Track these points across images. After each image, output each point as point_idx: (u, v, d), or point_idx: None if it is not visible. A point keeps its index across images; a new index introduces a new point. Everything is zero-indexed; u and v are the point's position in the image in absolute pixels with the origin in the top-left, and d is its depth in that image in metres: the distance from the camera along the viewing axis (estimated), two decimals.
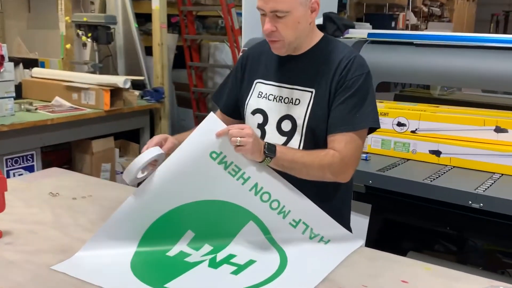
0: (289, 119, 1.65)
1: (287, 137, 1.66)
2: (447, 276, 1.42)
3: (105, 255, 1.45)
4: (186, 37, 5.41)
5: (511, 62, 2.66)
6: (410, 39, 2.94)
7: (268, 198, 1.52)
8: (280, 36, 1.56)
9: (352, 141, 1.57)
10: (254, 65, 1.77)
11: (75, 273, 1.36)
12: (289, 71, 1.68)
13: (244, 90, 1.77)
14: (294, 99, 1.65)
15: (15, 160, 3.34)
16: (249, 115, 1.74)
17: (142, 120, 4.27)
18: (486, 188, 2.13)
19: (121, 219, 1.49)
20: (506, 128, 2.36)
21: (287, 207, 1.53)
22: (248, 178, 1.50)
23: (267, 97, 1.70)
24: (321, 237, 1.56)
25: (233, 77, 1.84)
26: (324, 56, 1.64)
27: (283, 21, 1.53)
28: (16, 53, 5.09)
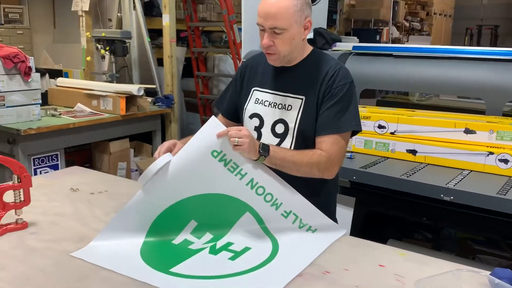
0: (282, 122, 1.67)
1: (280, 139, 1.67)
2: (419, 261, 1.43)
3: (117, 243, 1.46)
4: (193, 50, 5.42)
5: (482, 71, 2.68)
6: (390, 51, 2.95)
7: (262, 191, 1.53)
8: (277, 50, 1.58)
9: (337, 142, 1.59)
10: (252, 75, 1.78)
11: (91, 259, 1.37)
12: (282, 80, 1.69)
13: (243, 96, 1.78)
14: (287, 105, 1.66)
15: (42, 160, 3.35)
16: (247, 119, 1.75)
17: (154, 124, 4.28)
18: (456, 183, 2.13)
19: (131, 211, 1.50)
20: (474, 130, 2.36)
21: (279, 200, 1.54)
22: (245, 174, 1.52)
23: (263, 103, 1.71)
24: (309, 226, 1.57)
25: (233, 85, 1.85)
26: (313, 68, 1.66)
27: (280, 36, 1.55)
28: (43, 64, 5.12)
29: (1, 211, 1.54)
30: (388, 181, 2.26)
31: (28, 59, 3.25)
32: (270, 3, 1.53)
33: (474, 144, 2.35)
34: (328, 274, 1.33)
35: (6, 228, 1.54)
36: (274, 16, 1.52)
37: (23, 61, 3.21)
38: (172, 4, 4.43)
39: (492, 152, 2.27)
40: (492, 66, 2.67)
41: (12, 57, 3.16)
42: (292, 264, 1.38)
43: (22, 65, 3.21)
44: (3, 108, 3.19)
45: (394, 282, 1.29)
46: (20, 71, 3.22)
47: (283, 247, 1.48)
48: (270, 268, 1.37)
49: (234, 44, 4.82)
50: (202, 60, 5.52)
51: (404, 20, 9.85)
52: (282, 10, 1.52)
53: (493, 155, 2.27)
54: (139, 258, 1.39)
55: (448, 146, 2.39)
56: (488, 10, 12.16)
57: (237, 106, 1.82)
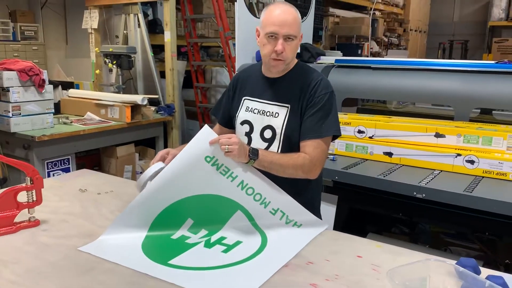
0: (270, 128, 1.68)
1: (268, 143, 1.68)
2: (393, 252, 1.44)
3: (121, 238, 1.47)
4: (193, 63, 5.42)
5: (452, 81, 2.70)
6: (368, 64, 2.97)
7: (252, 192, 1.54)
8: (286, 56, 1.60)
9: (319, 146, 1.60)
10: (243, 86, 1.80)
11: (97, 252, 1.37)
12: (270, 90, 1.70)
13: (235, 105, 1.79)
14: (274, 112, 1.67)
15: (54, 163, 3.34)
16: (239, 125, 1.76)
17: (157, 130, 4.27)
18: (428, 182, 2.15)
19: (134, 211, 1.50)
20: (444, 134, 2.37)
21: (267, 199, 1.55)
22: (236, 177, 1.52)
23: (252, 111, 1.72)
24: (295, 222, 1.58)
25: (226, 96, 1.87)
26: (297, 79, 1.67)
27: (290, 44, 1.59)
28: (56, 77, 5.10)
29: (15, 210, 1.54)
30: (367, 181, 2.27)
31: (42, 72, 3.24)
32: (286, 12, 1.57)
33: (444, 147, 2.36)
34: (311, 264, 1.33)
35: (19, 226, 1.53)
36: (290, 24, 1.56)
37: (37, 74, 3.20)
38: (173, 22, 4.44)
39: (460, 154, 2.29)
40: (461, 77, 2.69)
41: (27, 71, 3.16)
42: (279, 256, 1.38)
43: (36, 77, 3.20)
44: (19, 117, 3.18)
45: (370, 272, 1.30)
46: (35, 83, 3.21)
47: (271, 241, 1.49)
48: (259, 259, 1.37)
49: (229, 57, 4.83)
50: (201, 72, 5.52)
51: (383, 36, 9.89)
52: (296, 19, 1.58)
53: (460, 156, 2.29)
54: (140, 252, 1.39)
55: (420, 149, 2.41)
56: (459, 27, 12.24)
57: (230, 115, 1.83)
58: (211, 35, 5.70)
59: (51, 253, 1.37)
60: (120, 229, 1.49)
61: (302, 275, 1.27)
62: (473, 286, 1.08)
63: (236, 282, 1.23)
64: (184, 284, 1.20)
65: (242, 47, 3.57)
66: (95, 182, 2.08)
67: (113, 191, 1.96)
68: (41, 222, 1.58)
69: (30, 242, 1.45)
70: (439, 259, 1.19)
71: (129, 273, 1.26)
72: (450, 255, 2.42)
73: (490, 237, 2.36)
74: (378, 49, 9.27)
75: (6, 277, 1.23)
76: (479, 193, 1.99)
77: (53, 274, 1.25)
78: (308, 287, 1.21)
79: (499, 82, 2.55)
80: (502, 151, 2.23)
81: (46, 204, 1.63)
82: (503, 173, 2.18)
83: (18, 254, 1.36)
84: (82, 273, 1.25)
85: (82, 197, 1.88)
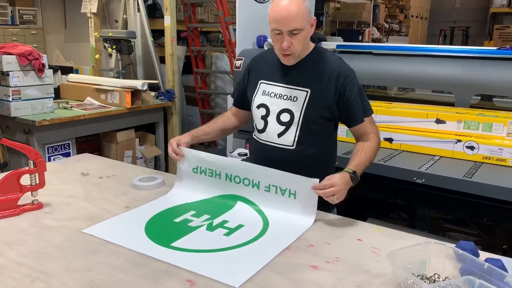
0: (288, 112, 1.69)
1: (285, 127, 1.70)
2: (393, 235, 1.46)
3: (124, 222, 1.50)
4: (192, 49, 5.40)
5: (452, 67, 2.70)
6: (369, 50, 2.96)
7: (248, 182, 1.63)
8: (294, 49, 1.60)
9: (371, 121, 1.73)
10: (259, 70, 1.81)
11: (100, 235, 1.39)
12: (288, 74, 1.71)
13: (251, 89, 1.81)
14: (293, 96, 1.68)
15: (55, 148, 3.35)
16: (255, 108, 1.77)
17: (157, 116, 4.27)
18: (428, 167, 2.16)
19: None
20: (444, 120, 2.38)
21: (256, 180, 1.63)
22: (220, 173, 1.70)
23: (269, 94, 1.73)
24: (288, 190, 1.57)
25: (242, 79, 1.89)
26: (317, 63, 1.69)
27: (296, 37, 1.58)
28: (55, 62, 5.08)
29: (19, 193, 1.55)
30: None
31: (41, 57, 3.23)
32: (287, 8, 1.53)
33: (444, 133, 2.37)
34: (312, 247, 1.35)
35: (23, 208, 1.55)
36: (293, 19, 1.54)
37: (37, 59, 3.19)
38: (173, 7, 4.40)
39: (460, 140, 2.30)
40: (462, 63, 2.68)
41: (27, 55, 3.14)
42: (280, 239, 1.40)
43: (36, 62, 3.19)
44: (19, 101, 3.18)
45: (370, 254, 1.32)
46: (34, 68, 3.20)
47: (272, 225, 1.50)
48: (260, 242, 1.39)
49: (229, 43, 4.80)
50: (201, 58, 5.50)
51: (384, 22, 9.84)
52: (299, 12, 1.54)
53: (460, 142, 2.30)
54: (143, 234, 1.41)
55: (421, 135, 2.42)
56: (460, 14, 12.16)
57: (246, 98, 1.85)
58: (211, 20, 5.66)
59: (55, 235, 1.39)
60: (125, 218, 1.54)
61: (303, 257, 1.29)
62: (472, 268, 1.09)
63: (238, 264, 1.24)
64: (186, 266, 1.22)
65: (243, 32, 3.55)
66: (96, 166, 2.09)
67: (115, 175, 1.97)
68: (44, 205, 1.60)
69: (34, 225, 1.46)
70: (439, 242, 1.21)
71: (133, 254, 1.28)
72: (448, 240, 2.44)
73: (488, 222, 2.38)
74: (379, 35, 9.23)
75: (11, 258, 1.24)
76: (478, 179, 2.01)
77: (58, 255, 1.27)
78: (309, 269, 1.23)
79: (501, 68, 2.55)
80: (502, 137, 2.25)
81: (48, 187, 1.64)
82: (502, 159, 2.19)
83: (22, 236, 1.38)
84: (86, 255, 1.27)
85: (84, 181, 1.89)
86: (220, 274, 1.18)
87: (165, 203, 1.66)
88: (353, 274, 1.20)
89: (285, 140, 1.69)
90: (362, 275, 1.19)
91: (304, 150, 1.69)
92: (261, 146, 1.76)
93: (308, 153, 1.69)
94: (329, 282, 1.16)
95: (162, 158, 4.39)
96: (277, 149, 1.71)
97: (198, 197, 1.71)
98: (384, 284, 1.14)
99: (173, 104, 4.43)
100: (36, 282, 1.12)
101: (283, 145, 1.70)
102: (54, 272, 1.17)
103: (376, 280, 1.17)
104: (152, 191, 1.78)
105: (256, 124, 1.78)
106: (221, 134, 1.95)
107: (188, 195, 1.72)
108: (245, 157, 3.20)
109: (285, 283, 1.15)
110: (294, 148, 1.69)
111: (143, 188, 1.80)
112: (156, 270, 1.20)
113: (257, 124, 1.78)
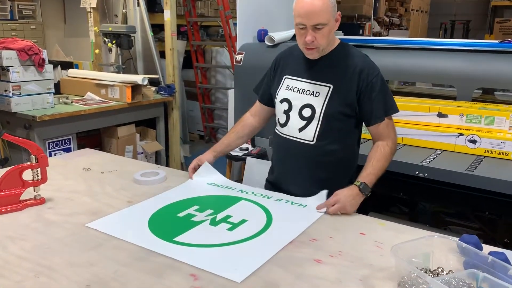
0: (310, 107, 1.69)
1: (307, 122, 1.70)
2: (396, 229, 1.46)
3: (128, 217, 1.50)
4: (193, 43, 5.39)
5: (454, 61, 2.68)
6: (371, 43, 2.95)
7: (261, 195, 1.69)
8: (318, 44, 1.60)
9: (389, 124, 1.69)
10: (284, 65, 1.82)
11: (103, 229, 1.39)
12: (312, 69, 1.71)
13: (275, 84, 1.81)
14: (315, 92, 1.68)
15: (56, 143, 3.34)
16: (278, 103, 1.78)
17: (158, 111, 4.26)
18: (430, 161, 2.16)
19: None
20: (446, 114, 2.37)
21: (269, 195, 1.70)
22: (234, 188, 1.77)
23: (292, 89, 1.74)
24: (300, 203, 1.62)
25: (268, 74, 1.89)
26: (341, 59, 1.68)
27: (320, 32, 1.58)
28: (55, 57, 5.06)
29: (21, 188, 1.55)
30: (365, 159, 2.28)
31: (41, 52, 3.22)
32: (311, 3, 1.54)
33: (446, 127, 2.37)
34: (315, 241, 1.35)
35: (26, 203, 1.55)
36: (317, 14, 1.54)
37: (37, 54, 3.18)
38: (173, 1, 4.38)
39: (462, 133, 2.30)
40: (463, 56, 2.67)
41: (27, 50, 3.13)
42: (284, 234, 1.39)
43: (36, 57, 3.18)
44: (20, 97, 3.17)
45: (373, 248, 1.32)
46: (34, 63, 3.19)
47: (276, 220, 1.50)
48: (264, 237, 1.38)
49: (230, 37, 4.79)
50: (201, 52, 5.49)
51: (385, 16, 9.81)
52: (324, 7, 1.54)
53: (463, 136, 2.29)
54: (146, 229, 1.41)
55: (422, 129, 2.41)
56: (461, 7, 12.11)
57: (271, 93, 1.85)
58: (211, 14, 5.65)
59: (57, 229, 1.39)
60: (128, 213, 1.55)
61: (306, 251, 1.29)
62: (475, 261, 1.09)
63: (240, 259, 1.24)
64: (189, 261, 1.21)
65: (243, 26, 3.53)
66: (98, 161, 2.09)
67: (116, 170, 1.97)
68: (46, 200, 1.60)
69: (36, 219, 1.46)
70: (443, 236, 1.20)
71: (136, 249, 1.28)
72: (450, 233, 2.45)
73: (489, 216, 2.38)
74: (380, 29, 9.20)
75: (15, 252, 1.25)
76: (480, 172, 2.00)
77: (61, 249, 1.27)
78: (312, 262, 1.23)
79: (503, 61, 2.54)
80: (504, 130, 2.24)
81: (50, 182, 1.64)
82: (505, 153, 2.19)
83: (25, 230, 1.38)
84: (89, 249, 1.27)
85: (86, 176, 1.89)
86: (222, 269, 1.18)
87: (169, 198, 1.66)
88: (357, 268, 1.20)
89: (306, 135, 1.70)
90: (365, 269, 1.20)
91: (324, 146, 1.69)
92: (282, 140, 1.77)
93: (328, 149, 1.69)
94: (333, 276, 1.16)
95: (163, 153, 4.39)
96: (297, 143, 1.72)
97: (202, 192, 1.72)
98: (388, 278, 1.14)
99: (173, 99, 4.42)
100: (40, 277, 1.12)
101: (303, 139, 1.70)
102: (58, 267, 1.17)
103: (379, 273, 1.17)
104: (154, 186, 1.78)
105: (279, 118, 1.79)
106: (242, 141, 1.97)
107: (192, 190, 1.73)
108: (246, 151, 3.20)
109: (287, 277, 1.15)
110: (314, 143, 1.69)
111: (145, 183, 1.80)
112: (159, 264, 1.20)
113: (279, 118, 1.79)
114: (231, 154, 3.17)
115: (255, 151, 3.17)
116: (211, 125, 5.68)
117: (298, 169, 1.75)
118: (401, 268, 1.09)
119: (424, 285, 1.01)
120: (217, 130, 5.73)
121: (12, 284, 1.09)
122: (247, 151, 3.19)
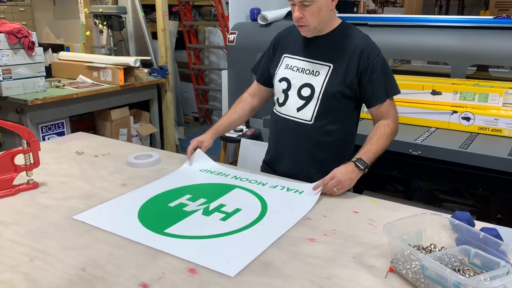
0: (309, 86, 1.67)
1: (305, 101, 1.69)
2: (389, 207, 1.46)
3: (117, 207, 1.45)
4: (185, 23, 5.32)
5: (448, 38, 2.67)
6: (365, 21, 2.92)
7: (255, 182, 1.65)
8: (307, 21, 1.58)
9: (391, 105, 1.67)
10: (283, 44, 1.79)
11: (92, 221, 1.34)
12: (311, 48, 1.69)
13: (275, 63, 1.80)
14: (315, 71, 1.67)
15: (49, 127, 3.32)
16: (277, 82, 1.76)
17: (151, 93, 4.23)
18: (424, 139, 2.16)
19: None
20: (440, 91, 2.37)
21: (264, 181, 1.66)
22: (228, 174, 1.73)
23: (292, 68, 1.72)
24: (296, 190, 1.58)
25: (266, 54, 1.87)
26: (342, 39, 1.66)
27: (308, 9, 1.55)
28: (45, 39, 4.99)
29: (14, 173, 1.54)
30: (363, 139, 2.27)
31: (31, 34, 3.17)
32: None
33: (440, 104, 2.37)
34: (309, 220, 1.36)
35: (19, 188, 1.54)
36: None
37: (26, 36, 3.13)
38: None
39: (456, 111, 2.30)
40: (457, 33, 2.66)
41: (15, 33, 3.08)
42: (279, 224, 1.34)
43: (25, 40, 3.13)
44: (10, 81, 3.14)
45: (367, 226, 1.32)
46: (24, 46, 3.15)
47: (271, 209, 1.44)
48: (258, 228, 1.32)
49: (222, 17, 4.74)
50: (194, 33, 5.43)
51: None
52: None
53: (456, 113, 2.30)
54: (136, 221, 1.35)
55: (416, 107, 2.41)
56: None
57: (269, 73, 1.83)
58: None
59: (51, 214, 1.39)
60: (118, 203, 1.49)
61: (300, 231, 1.29)
62: (467, 238, 1.10)
63: (234, 252, 1.18)
64: (179, 254, 1.15)
65: (236, 6, 3.49)
66: (91, 145, 2.08)
67: (110, 153, 1.96)
68: (39, 185, 1.59)
69: (30, 204, 1.46)
70: (435, 213, 1.21)
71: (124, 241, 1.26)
72: (444, 211, 2.47)
73: (483, 192, 2.40)
74: (374, 7, 9.11)
75: (9, 237, 1.24)
76: (474, 149, 2.01)
77: (55, 233, 1.27)
78: (306, 242, 1.23)
79: (497, 38, 2.53)
80: (498, 107, 2.24)
81: (43, 167, 1.64)
82: (498, 129, 2.20)
83: (19, 215, 1.38)
84: (83, 232, 1.27)
85: (79, 160, 1.88)
86: (215, 262, 1.12)
87: (160, 186, 1.60)
88: (350, 246, 1.21)
89: (304, 114, 1.69)
90: (359, 247, 1.20)
91: (322, 126, 1.68)
92: (280, 119, 1.76)
93: (325, 129, 1.69)
94: (327, 255, 1.17)
95: (158, 135, 4.38)
96: (295, 123, 1.71)
97: (195, 180, 1.67)
98: (381, 255, 1.15)
99: (166, 80, 4.38)
100: (35, 261, 1.12)
101: (301, 119, 1.70)
102: (52, 251, 1.17)
103: (373, 251, 1.18)
104: (148, 169, 1.78)
105: (278, 98, 1.78)
106: (241, 121, 1.95)
107: (185, 178, 1.68)
108: (240, 132, 3.19)
109: (282, 256, 1.16)
110: (312, 123, 1.68)
111: (139, 165, 1.80)
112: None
113: (278, 98, 1.78)
114: (226, 135, 3.16)
115: (250, 132, 3.17)
116: (205, 106, 5.65)
117: (295, 149, 1.74)
118: (394, 246, 1.09)
119: (416, 262, 1.02)
120: (211, 111, 5.71)
121: (7, 268, 1.09)
122: (242, 132, 3.19)
